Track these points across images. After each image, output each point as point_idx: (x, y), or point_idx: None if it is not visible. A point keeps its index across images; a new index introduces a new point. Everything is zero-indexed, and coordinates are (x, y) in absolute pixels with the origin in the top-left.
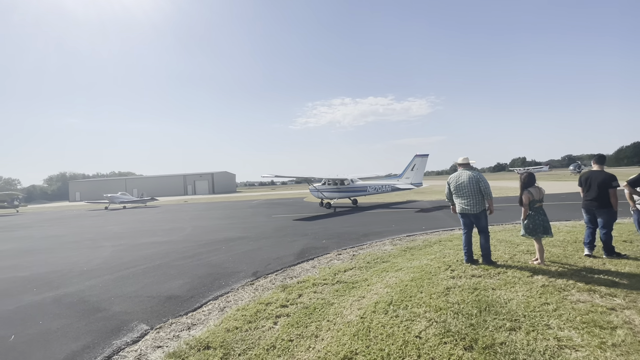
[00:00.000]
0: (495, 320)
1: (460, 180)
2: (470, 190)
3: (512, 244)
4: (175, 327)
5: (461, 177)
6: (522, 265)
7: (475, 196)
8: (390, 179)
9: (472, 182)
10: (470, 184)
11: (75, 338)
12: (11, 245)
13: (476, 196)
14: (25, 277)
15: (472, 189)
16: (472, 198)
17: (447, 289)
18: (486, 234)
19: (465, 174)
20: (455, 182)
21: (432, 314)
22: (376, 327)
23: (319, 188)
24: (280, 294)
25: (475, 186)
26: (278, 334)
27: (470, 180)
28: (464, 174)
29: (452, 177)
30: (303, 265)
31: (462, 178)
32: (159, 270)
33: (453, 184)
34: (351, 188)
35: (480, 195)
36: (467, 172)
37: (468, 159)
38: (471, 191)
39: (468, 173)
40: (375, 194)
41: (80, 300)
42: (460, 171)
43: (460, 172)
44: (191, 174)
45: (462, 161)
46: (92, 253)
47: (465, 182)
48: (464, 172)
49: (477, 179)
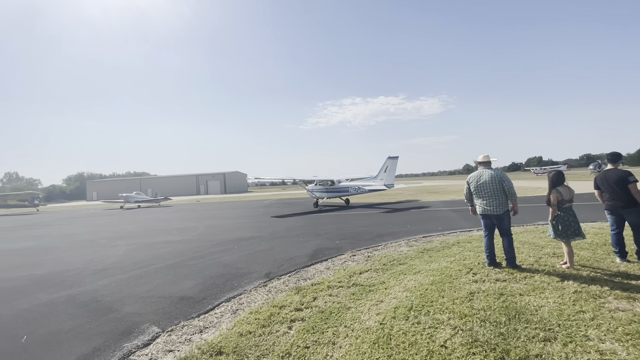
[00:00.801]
0: (526, 329)
1: (482, 179)
2: (493, 190)
3: (537, 246)
4: (187, 329)
5: (482, 176)
6: (550, 269)
7: (498, 196)
8: (367, 180)
9: (495, 181)
10: (492, 183)
11: (86, 340)
12: (30, 244)
13: (499, 196)
14: (41, 276)
15: (495, 189)
16: (494, 198)
17: (471, 293)
18: (509, 237)
19: (487, 172)
20: (476, 182)
21: (457, 321)
22: (397, 334)
23: (312, 188)
24: (295, 296)
25: (497, 186)
26: (293, 339)
27: (492, 180)
28: (486, 173)
29: (472, 176)
30: (317, 267)
31: (484, 177)
32: (172, 270)
33: (473, 184)
34: (337, 188)
35: (503, 195)
36: (488, 171)
37: (489, 156)
38: (493, 191)
39: (490, 172)
40: (356, 194)
41: (93, 299)
42: (480, 170)
43: (481, 171)
44: (203, 174)
45: (482, 159)
46: (107, 252)
47: (487, 182)
48: (485, 170)
49: (500, 178)
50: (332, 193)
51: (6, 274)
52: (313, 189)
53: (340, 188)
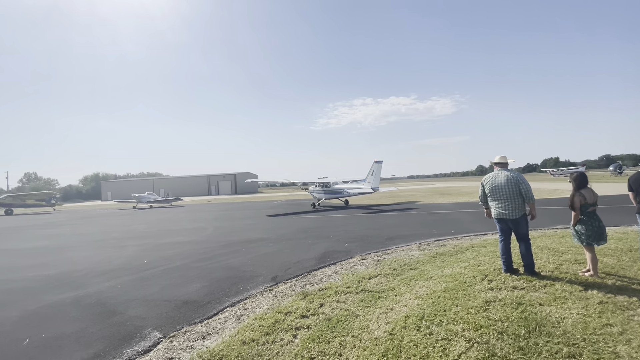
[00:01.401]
0: (548, 343)
1: (497, 181)
2: (509, 192)
3: (556, 251)
4: (189, 336)
5: (498, 178)
6: (571, 277)
7: (515, 200)
8: (357, 183)
9: (511, 183)
10: (508, 185)
11: (87, 344)
12: (44, 243)
13: (515, 200)
14: (50, 276)
15: (511, 192)
16: (510, 201)
17: (487, 302)
18: (527, 242)
19: (503, 174)
20: (491, 184)
21: (472, 333)
22: (408, 346)
23: (312, 190)
24: (301, 302)
25: (514, 188)
26: (297, 349)
27: (508, 182)
28: (501, 175)
29: (487, 177)
30: (324, 271)
31: (499, 179)
32: (178, 272)
33: (488, 186)
34: (332, 190)
35: (520, 198)
36: (504, 173)
37: (506, 157)
38: (510, 194)
39: (506, 173)
40: (348, 196)
41: (98, 302)
42: (496, 171)
43: (497, 173)
44: (215, 175)
45: (499, 160)
46: (116, 252)
47: (502, 184)
48: (501, 172)
49: (517, 180)
50: (329, 194)
51: (18, 274)
52: (313, 191)
53: (334, 190)
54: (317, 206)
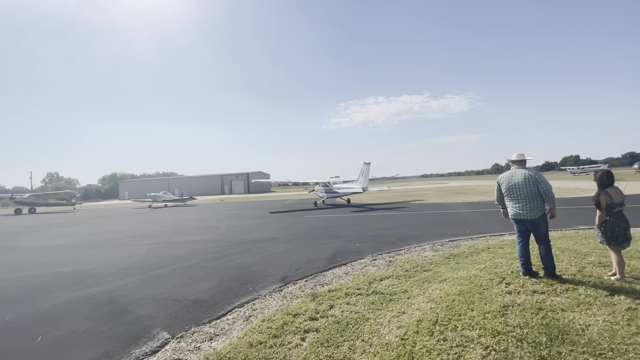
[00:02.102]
0: (572, 352)
1: (514, 180)
2: (527, 192)
3: (579, 253)
4: (197, 336)
5: (515, 176)
6: (596, 281)
7: (533, 199)
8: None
9: (529, 182)
10: (526, 184)
11: (96, 344)
12: (62, 241)
13: (533, 199)
14: (66, 274)
15: (529, 191)
16: (528, 201)
17: (504, 307)
18: (547, 243)
19: (520, 172)
20: (508, 183)
21: (489, 340)
22: (420, 352)
23: (317, 190)
24: (310, 304)
25: (532, 188)
26: (305, 353)
27: (526, 181)
28: (518, 173)
29: (504, 176)
30: (335, 271)
31: (516, 178)
32: (189, 271)
33: (504, 185)
34: (330, 190)
35: (538, 198)
36: (522, 171)
37: (524, 155)
38: (527, 193)
39: (523, 172)
40: (344, 195)
41: (110, 300)
42: (513, 169)
43: (514, 171)
44: (228, 174)
45: (516, 157)
46: (130, 250)
47: (519, 183)
48: (518, 170)
49: (535, 179)
50: (329, 194)
51: (36, 271)
52: (317, 190)
53: (332, 190)
54: (318, 204)
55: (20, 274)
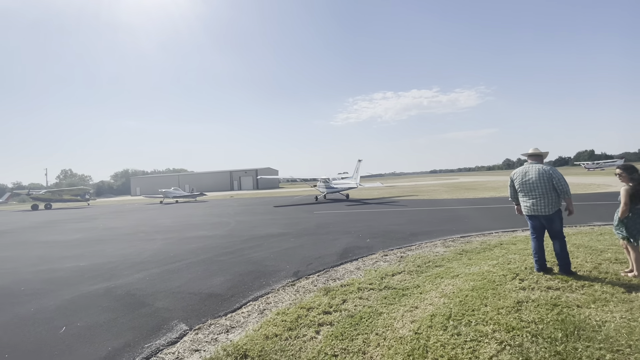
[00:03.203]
0: (589, 349)
1: (528, 175)
2: (541, 187)
3: (594, 250)
4: (213, 328)
5: (528, 172)
6: (612, 277)
7: (547, 195)
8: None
9: (543, 178)
10: (540, 180)
11: (118, 334)
12: (79, 236)
13: (548, 195)
14: (84, 267)
15: (543, 187)
16: (542, 197)
17: (518, 302)
18: (561, 240)
19: (534, 168)
20: (521, 178)
21: (503, 335)
22: (434, 346)
23: (319, 185)
24: (323, 298)
25: (546, 183)
26: (320, 346)
27: (540, 176)
28: (532, 168)
29: (517, 171)
30: (346, 266)
31: (530, 173)
32: (203, 265)
33: (518, 180)
34: (329, 186)
35: (553, 193)
36: (536, 166)
37: (539, 149)
38: (542, 189)
39: (537, 167)
40: (342, 190)
41: (128, 293)
42: (527, 165)
43: (528, 166)
44: (237, 170)
45: (532, 152)
46: (144, 245)
47: (533, 178)
48: (532, 165)
49: (550, 174)
50: (329, 189)
51: (56, 265)
52: (320, 186)
53: (330, 185)
54: (319, 199)
55: (41, 268)
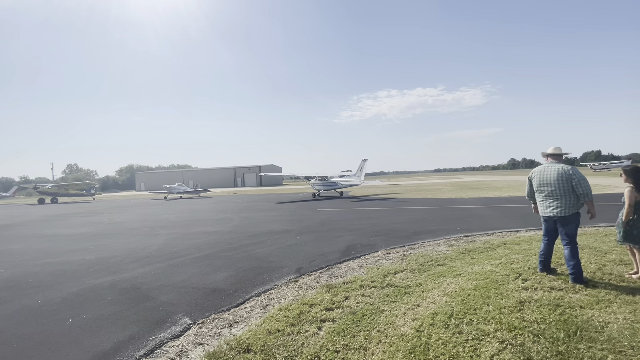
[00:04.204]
0: (591, 349)
1: (546, 175)
2: (559, 188)
3: (599, 251)
4: (217, 323)
5: (547, 171)
6: (616, 279)
7: (566, 196)
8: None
9: (562, 178)
10: (559, 180)
11: (122, 327)
12: (85, 230)
13: (567, 196)
14: (90, 261)
15: (562, 188)
16: (561, 198)
17: (521, 302)
18: (573, 245)
19: (553, 167)
20: (539, 178)
21: (505, 334)
22: (436, 344)
23: (313, 183)
24: (325, 294)
25: (565, 184)
26: (323, 342)
27: (559, 177)
28: (551, 168)
29: (536, 171)
30: (349, 264)
31: (548, 173)
32: (206, 260)
33: (536, 180)
34: (328, 183)
35: (572, 195)
36: (555, 166)
37: (561, 149)
38: (560, 190)
39: (557, 167)
40: (341, 188)
41: (133, 287)
42: (546, 164)
43: (547, 166)
44: (240, 167)
45: (552, 151)
46: (149, 240)
47: (552, 179)
48: (551, 165)
49: (570, 174)
50: (326, 186)
51: (63, 258)
52: (314, 183)
53: (331, 182)
54: (317, 196)
55: (48, 260)
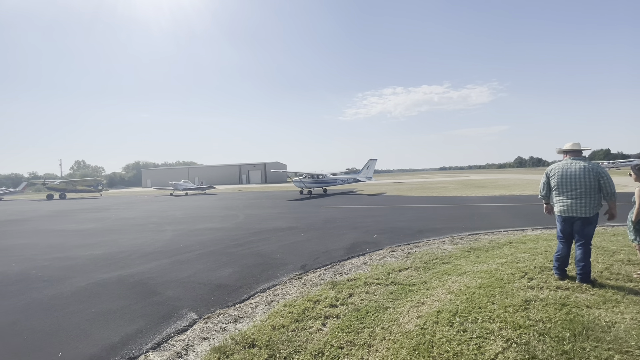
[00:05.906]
0: (597, 349)
1: (570, 172)
2: (585, 186)
3: (606, 250)
4: (222, 318)
5: (570, 168)
6: (624, 279)
7: (590, 195)
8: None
9: (589, 176)
10: (586, 177)
11: (130, 321)
12: (92, 225)
13: (591, 195)
14: (98, 256)
15: (588, 185)
16: (586, 197)
17: (526, 301)
18: (587, 246)
19: (578, 164)
20: (561, 175)
21: (510, 333)
22: (440, 342)
23: (302, 180)
24: (330, 291)
25: (592, 182)
26: (327, 338)
27: (586, 173)
28: (576, 165)
29: (556, 167)
30: (353, 261)
31: (573, 169)
32: (212, 256)
33: (556, 177)
34: (324, 180)
35: (597, 194)
36: (580, 163)
37: (580, 144)
38: (585, 188)
39: (582, 164)
40: (342, 185)
41: (140, 282)
42: (567, 160)
43: (569, 162)
44: (245, 164)
45: (571, 147)
46: (155, 236)
47: (577, 176)
48: (575, 161)
49: (597, 172)
50: (319, 184)
51: (72, 253)
52: (302, 181)
53: (328, 180)
54: (304, 193)
55: (57, 255)
